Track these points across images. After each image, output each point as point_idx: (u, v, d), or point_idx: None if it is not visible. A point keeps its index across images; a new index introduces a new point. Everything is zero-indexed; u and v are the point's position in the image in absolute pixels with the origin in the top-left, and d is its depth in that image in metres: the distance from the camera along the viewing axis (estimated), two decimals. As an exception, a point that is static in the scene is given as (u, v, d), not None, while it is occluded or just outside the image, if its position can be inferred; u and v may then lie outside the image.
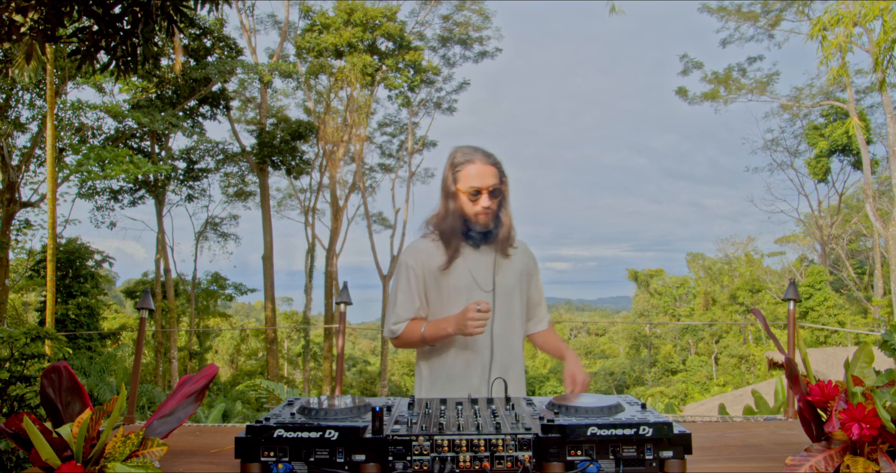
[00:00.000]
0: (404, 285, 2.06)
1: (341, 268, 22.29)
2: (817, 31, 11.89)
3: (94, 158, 12.82)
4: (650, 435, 1.17)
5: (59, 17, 2.63)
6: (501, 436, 1.19)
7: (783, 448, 1.40)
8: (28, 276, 15.56)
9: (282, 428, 1.18)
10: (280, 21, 22.01)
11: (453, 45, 22.73)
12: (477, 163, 1.98)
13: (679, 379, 27.79)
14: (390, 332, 2.08)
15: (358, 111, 20.69)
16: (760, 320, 1.33)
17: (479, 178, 1.96)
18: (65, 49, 9.07)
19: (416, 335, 2.01)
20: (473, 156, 2.00)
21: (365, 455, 1.18)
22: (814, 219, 27.48)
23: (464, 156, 2.01)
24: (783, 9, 20.03)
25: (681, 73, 22.96)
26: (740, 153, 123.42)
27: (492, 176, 1.98)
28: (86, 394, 1.23)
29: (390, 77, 21.37)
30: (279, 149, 19.36)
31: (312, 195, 23.28)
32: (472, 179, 1.96)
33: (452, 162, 2.03)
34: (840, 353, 11.52)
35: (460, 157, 2.02)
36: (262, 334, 24.27)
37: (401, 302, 2.05)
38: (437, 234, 2.06)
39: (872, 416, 1.06)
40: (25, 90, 12.64)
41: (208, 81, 17.29)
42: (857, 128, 17.17)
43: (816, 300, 22.14)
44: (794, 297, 2.21)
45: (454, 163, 2.02)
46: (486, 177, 1.97)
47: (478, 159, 1.99)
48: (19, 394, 3.23)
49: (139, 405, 11.46)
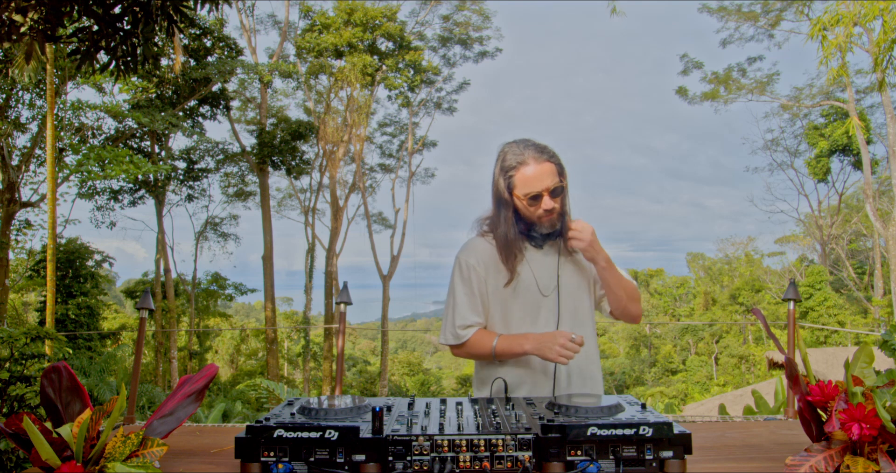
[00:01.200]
0: (466, 287, 1.88)
1: (341, 268, 22.31)
2: (817, 31, 11.89)
3: (94, 158, 12.83)
4: (650, 435, 1.17)
5: (59, 17, 2.64)
6: (501, 436, 1.19)
7: (783, 448, 1.40)
8: (28, 276, 15.57)
9: (282, 428, 1.18)
10: (280, 21, 22.02)
11: (453, 45, 22.74)
12: (531, 164, 1.78)
13: (679, 379, 27.80)
14: (454, 338, 1.88)
15: (358, 111, 20.69)
16: (760, 320, 1.33)
17: (537, 180, 1.77)
18: (65, 49, 9.08)
19: (485, 347, 1.83)
20: (526, 156, 1.79)
21: (365, 455, 1.18)
22: (814, 219, 27.49)
23: (515, 157, 1.81)
24: (783, 9, 20.04)
25: (681, 72, 22.99)
26: (741, 153, 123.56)
27: (550, 174, 1.79)
28: (86, 394, 1.23)
29: (390, 77, 21.38)
30: (279, 149, 19.37)
31: (312, 195, 23.31)
32: (529, 183, 1.78)
33: (503, 165, 1.83)
34: (840, 353, 11.53)
35: (511, 159, 1.81)
36: (262, 334, 24.28)
37: (464, 306, 1.88)
38: (492, 236, 1.90)
39: (872, 416, 1.06)
40: (25, 90, 12.65)
41: (208, 81, 17.29)
42: (857, 128, 17.18)
43: (816, 300, 22.15)
44: (794, 297, 2.21)
45: (505, 167, 1.82)
46: (545, 178, 1.78)
47: (531, 158, 1.79)
48: (19, 394, 3.23)
49: (139, 405, 11.46)
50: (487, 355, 1.85)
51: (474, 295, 1.88)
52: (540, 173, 1.78)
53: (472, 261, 1.89)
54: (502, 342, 1.81)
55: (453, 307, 1.90)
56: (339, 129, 20.72)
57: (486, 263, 1.88)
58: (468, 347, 1.88)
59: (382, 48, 21.22)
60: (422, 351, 55.07)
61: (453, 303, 1.90)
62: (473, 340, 1.87)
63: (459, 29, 22.36)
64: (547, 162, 1.80)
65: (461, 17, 22.29)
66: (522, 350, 1.78)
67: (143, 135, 18.05)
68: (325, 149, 20.98)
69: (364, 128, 21.43)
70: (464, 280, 1.89)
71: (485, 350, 1.84)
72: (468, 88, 23.69)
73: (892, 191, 20.50)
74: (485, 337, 1.86)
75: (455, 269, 1.93)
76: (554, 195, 1.80)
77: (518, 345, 1.79)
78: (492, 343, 1.82)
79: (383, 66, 21.07)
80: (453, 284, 1.92)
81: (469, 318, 1.88)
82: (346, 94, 20.84)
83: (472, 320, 1.88)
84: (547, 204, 1.79)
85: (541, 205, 1.80)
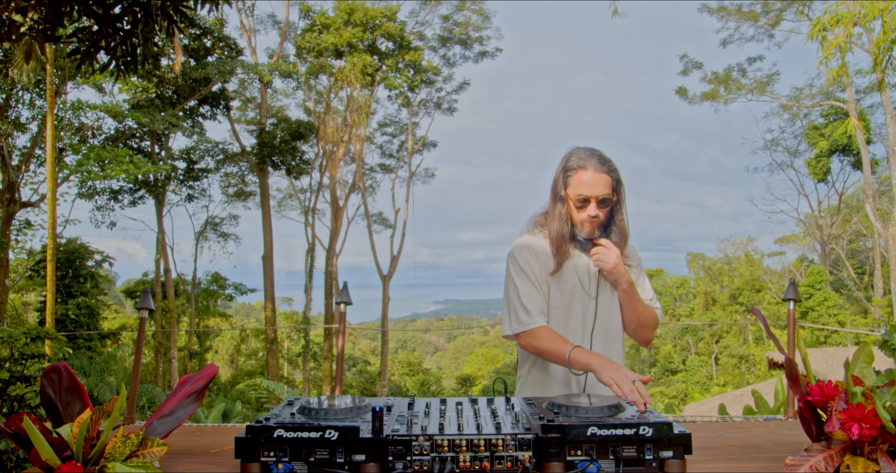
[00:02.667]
0: (526, 279, 1.97)
1: (341, 268, 22.31)
2: (817, 31, 11.90)
3: (94, 158, 12.83)
4: (650, 435, 1.17)
5: (59, 17, 2.64)
6: (501, 436, 1.19)
7: (783, 448, 1.40)
8: (28, 276, 15.57)
9: (282, 428, 1.18)
10: (280, 21, 22.02)
11: (453, 45, 22.75)
12: (590, 170, 1.91)
13: (679, 379, 27.80)
14: (520, 325, 1.93)
15: (358, 111, 20.69)
16: (760, 320, 1.33)
17: (590, 187, 1.90)
18: (65, 49, 9.08)
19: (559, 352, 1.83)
20: (588, 162, 1.92)
21: (365, 455, 1.18)
22: (814, 218, 27.49)
23: (578, 161, 1.94)
24: (783, 9, 20.05)
25: (681, 72, 22.99)
26: (741, 153, 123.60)
27: (604, 185, 1.91)
28: (86, 394, 1.23)
29: (390, 77, 21.38)
30: (279, 149, 19.37)
31: (312, 195, 23.31)
32: (583, 186, 1.91)
33: (566, 165, 1.96)
34: (840, 353, 11.52)
35: (574, 161, 1.94)
36: (262, 334, 24.28)
37: (528, 296, 1.94)
38: (545, 234, 2.02)
39: (872, 416, 1.06)
40: (25, 90, 12.65)
41: (208, 81, 17.29)
42: (856, 128, 17.18)
43: (816, 300, 22.15)
44: (794, 297, 2.21)
45: (567, 167, 1.96)
46: (598, 186, 1.90)
47: (592, 166, 1.91)
48: (19, 394, 3.23)
49: (139, 405, 11.46)
50: (561, 360, 1.84)
51: (534, 285, 1.97)
52: (595, 181, 1.91)
53: (528, 256, 1.99)
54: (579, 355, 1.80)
55: (516, 296, 1.96)
56: (339, 129, 20.73)
57: (537, 256, 1.99)
58: (540, 341, 1.89)
59: (382, 48, 21.22)
60: (422, 351, 55.07)
61: (516, 293, 1.96)
62: (546, 339, 1.88)
63: (459, 29, 22.37)
64: (605, 174, 1.92)
65: (461, 17, 22.30)
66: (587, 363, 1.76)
67: (143, 135, 18.06)
68: (325, 149, 20.98)
69: (364, 128, 21.44)
70: (522, 271, 1.98)
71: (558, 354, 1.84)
72: (468, 88, 23.73)
73: (892, 191, 20.50)
74: (558, 342, 1.86)
75: (511, 263, 2.02)
76: (602, 205, 1.93)
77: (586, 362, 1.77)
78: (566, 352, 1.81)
79: (383, 66, 21.07)
80: (511, 276, 2.00)
81: (534, 307, 1.94)
82: (346, 94, 20.85)
83: (537, 309, 1.95)
84: (592, 210, 1.92)
85: (587, 210, 1.93)
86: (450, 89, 23.65)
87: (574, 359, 1.79)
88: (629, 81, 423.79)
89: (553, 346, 1.86)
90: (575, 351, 1.80)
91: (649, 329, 2.07)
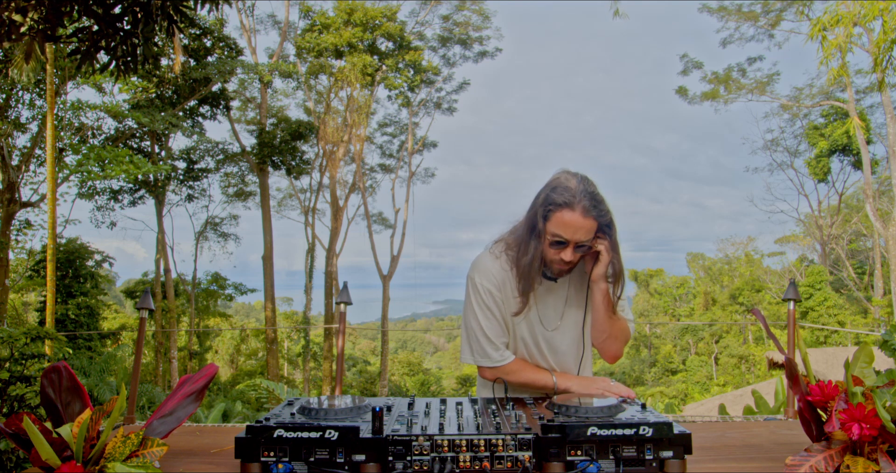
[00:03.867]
0: (489, 313, 1.86)
1: (341, 268, 22.31)
2: (817, 31, 11.90)
3: (94, 158, 12.82)
4: (650, 435, 1.17)
5: (59, 16, 2.63)
6: (501, 436, 1.19)
7: (783, 448, 1.40)
8: (28, 276, 15.57)
9: (282, 428, 1.18)
10: (280, 21, 22.02)
11: (453, 45, 22.74)
12: (577, 213, 1.69)
13: (679, 379, 27.80)
14: (488, 360, 1.86)
15: (358, 111, 20.69)
16: (760, 320, 1.33)
17: (572, 230, 1.70)
18: (65, 49, 9.08)
19: (543, 382, 1.85)
20: (574, 203, 1.69)
21: (365, 455, 1.18)
22: (814, 219, 27.49)
23: (565, 197, 1.70)
24: (783, 9, 20.05)
25: (681, 72, 23.00)
26: (741, 153, 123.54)
27: (587, 231, 1.71)
28: (86, 394, 1.23)
29: (390, 77, 21.38)
30: (279, 149, 19.37)
31: (312, 195, 23.31)
32: (563, 228, 1.70)
33: (550, 197, 1.73)
34: (840, 353, 11.52)
35: (561, 196, 1.71)
36: (262, 334, 24.28)
37: (491, 330, 1.86)
38: (511, 262, 1.85)
39: (872, 416, 1.06)
40: (25, 90, 12.65)
41: (208, 81, 17.29)
42: (857, 128, 17.17)
43: (816, 300, 22.15)
44: (794, 297, 2.21)
45: (550, 200, 1.73)
46: (580, 232, 1.70)
47: (578, 208, 1.68)
48: (19, 394, 3.23)
49: (139, 405, 11.46)
50: (549, 389, 1.87)
51: (496, 319, 1.87)
52: (579, 225, 1.70)
53: (488, 286, 1.86)
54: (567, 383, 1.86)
55: (479, 329, 1.86)
56: (339, 129, 20.73)
57: (499, 287, 1.87)
58: (510, 373, 1.87)
59: (382, 48, 21.22)
60: (422, 351, 55.05)
61: (478, 326, 1.86)
62: (523, 372, 1.89)
63: (459, 29, 22.36)
64: (592, 219, 1.71)
65: (461, 17, 22.30)
66: (568, 386, 1.85)
67: (143, 135, 18.06)
68: (325, 149, 20.98)
69: (364, 128, 21.43)
70: (484, 304, 1.87)
71: (543, 383, 1.86)
72: (468, 88, 23.72)
73: (892, 191, 20.50)
74: (538, 373, 1.89)
75: (472, 292, 1.89)
76: (579, 250, 1.76)
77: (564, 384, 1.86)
78: (551, 381, 1.86)
79: (383, 66, 21.07)
80: (472, 305, 1.89)
81: (499, 341, 1.88)
82: (346, 94, 20.85)
83: (502, 342, 1.89)
84: (567, 255, 1.74)
85: (560, 253, 1.75)
86: (450, 89, 23.67)
87: (560, 386, 1.86)
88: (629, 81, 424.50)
89: (534, 378, 1.88)
90: (558, 379, 1.86)
91: (619, 341, 1.94)
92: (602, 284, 1.83)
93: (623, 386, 1.77)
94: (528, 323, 1.91)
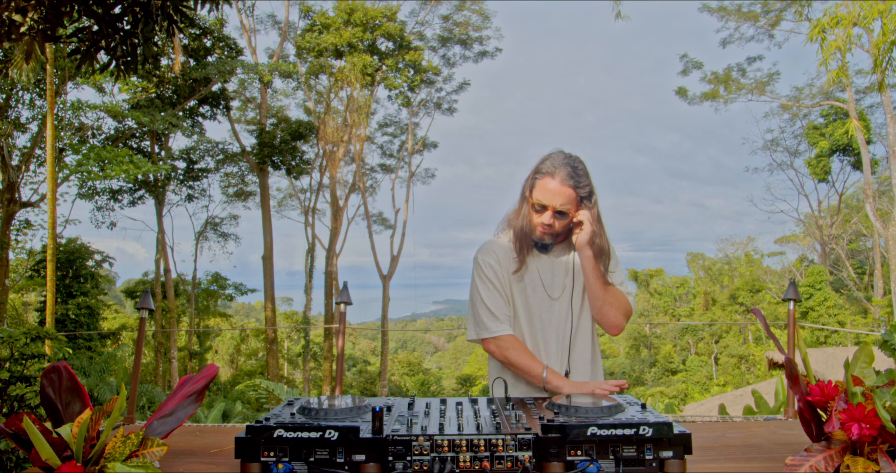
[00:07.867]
0: (490, 284, 1.99)
1: (341, 268, 22.30)
2: (817, 32, 11.89)
3: (94, 158, 12.82)
4: (650, 435, 1.17)
5: (59, 16, 2.63)
6: (501, 436, 1.19)
7: (783, 448, 1.40)
8: (28, 276, 15.57)
9: (282, 428, 1.18)
10: (280, 21, 22.02)
11: (453, 45, 22.74)
12: (556, 180, 1.87)
13: (679, 379, 27.79)
14: (486, 331, 1.96)
15: (358, 111, 20.69)
16: (760, 320, 1.33)
17: (550, 196, 1.88)
18: (65, 49, 9.08)
19: (531, 370, 1.91)
20: (556, 171, 1.88)
21: (365, 455, 1.18)
22: (814, 219, 27.49)
23: (549, 167, 1.91)
24: (783, 9, 20.05)
25: (681, 72, 23.00)
26: (741, 153, 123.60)
27: (565, 198, 1.88)
28: (86, 394, 1.23)
29: (390, 77, 21.37)
30: (279, 149, 19.37)
31: (312, 195, 23.30)
32: (544, 193, 1.89)
33: (538, 167, 1.94)
34: (840, 353, 11.52)
35: (546, 166, 1.91)
36: (262, 334, 24.27)
37: (492, 301, 1.97)
38: (511, 232, 2.02)
39: (872, 416, 1.06)
40: (25, 90, 12.65)
41: (208, 81, 17.29)
42: (856, 129, 17.17)
43: (816, 300, 22.15)
44: (794, 297, 2.21)
45: (537, 169, 1.93)
46: (557, 197, 1.88)
47: (560, 176, 1.88)
48: (19, 394, 3.23)
49: (139, 405, 11.46)
50: (536, 379, 1.91)
51: (497, 290, 1.99)
52: (557, 192, 1.88)
53: (490, 261, 2.01)
54: (556, 379, 1.90)
55: (480, 301, 1.98)
56: (339, 129, 20.72)
57: (500, 259, 2.01)
58: (505, 347, 1.94)
59: (382, 48, 21.22)
60: (422, 351, 55.07)
61: (480, 298, 1.99)
62: (516, 354, 1.93)
63: (459, 29, 22.36)
64: (570, 188, 1.88)
65: (461, 17, 22.29)
66: (558, 386, 1.88)
67: (143, 135, 18.06)
68: (325, 149, 20.98)
69: (364, 128, 21.43)
70: (486, 277, 2.00)
71: (532, 371, 1.91)
72: (468, 88, 23.70)
73: (892, 191, 20.50)
74: (530, 361, 1.92)
75: (475, 269, 2.04)
76: (559, 216, 1.92)
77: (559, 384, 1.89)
78: (541, 373, 1.91)
79: (383, 66, 21.06)
80: (475, 282, 2.03)
81: (499, 313, 1.97)
82: (346, 94, 20.84)
83: (502, 314, 1.98)
84: (546, 219, 1.91)
85: (542, 217, 1.92)
86: (450, 89, 23.66)
87: (549, 381, 1.90)
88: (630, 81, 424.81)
89: (524, 362, 1.93)
90: (548, 374, 1.90)
91: (615, 308, 1.99)
92: (587, 251, 1.94)
93: (610, 381, 1.84)
94: (533, 293, 2.01)
